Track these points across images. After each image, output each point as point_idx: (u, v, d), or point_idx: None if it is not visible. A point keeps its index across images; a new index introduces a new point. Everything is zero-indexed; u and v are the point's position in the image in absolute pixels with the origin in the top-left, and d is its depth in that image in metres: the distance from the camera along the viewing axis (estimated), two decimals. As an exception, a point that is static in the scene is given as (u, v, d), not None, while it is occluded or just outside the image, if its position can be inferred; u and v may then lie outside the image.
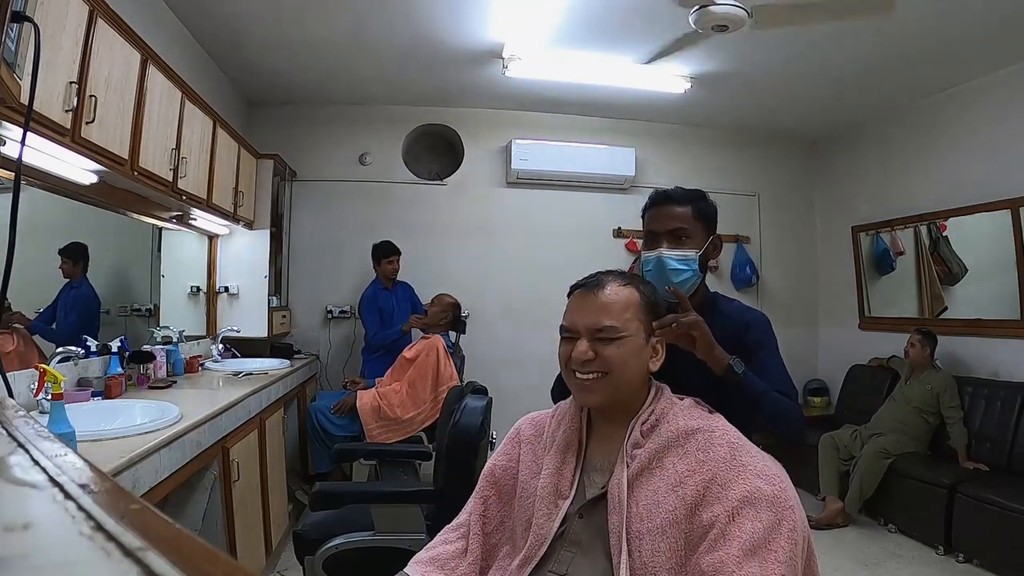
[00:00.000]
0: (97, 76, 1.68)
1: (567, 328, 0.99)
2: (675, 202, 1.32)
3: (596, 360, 0.94)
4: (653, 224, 1.33)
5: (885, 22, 2.74)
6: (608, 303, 0.97)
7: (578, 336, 0.97)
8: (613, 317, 0.95)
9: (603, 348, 0.95)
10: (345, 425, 3.13)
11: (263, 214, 3.50)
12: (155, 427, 1.56)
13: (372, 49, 3.26)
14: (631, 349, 0.96)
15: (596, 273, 1.04)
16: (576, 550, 0.92)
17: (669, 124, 4.39)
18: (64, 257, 2.20)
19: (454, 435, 1.72)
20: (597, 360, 0.94)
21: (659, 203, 1.33)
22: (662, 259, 1.28)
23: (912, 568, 2.78)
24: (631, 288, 1.00)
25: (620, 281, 1.00)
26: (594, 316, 0.96)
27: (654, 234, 1.32)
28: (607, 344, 0.95)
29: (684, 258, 1.28)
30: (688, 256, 1.28)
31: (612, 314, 0.96)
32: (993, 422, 3.13)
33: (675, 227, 1.30)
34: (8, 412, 0.77)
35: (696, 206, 1.32)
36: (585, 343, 0.95)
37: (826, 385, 4.44)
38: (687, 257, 1.28)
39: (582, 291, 1.00)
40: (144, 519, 0.33)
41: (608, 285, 0.99)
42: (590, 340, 0.95)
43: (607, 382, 0.95)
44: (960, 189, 3.52)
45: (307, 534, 1.80)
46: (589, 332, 0.96)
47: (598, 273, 1.04)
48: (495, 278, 4.18)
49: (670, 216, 1.31)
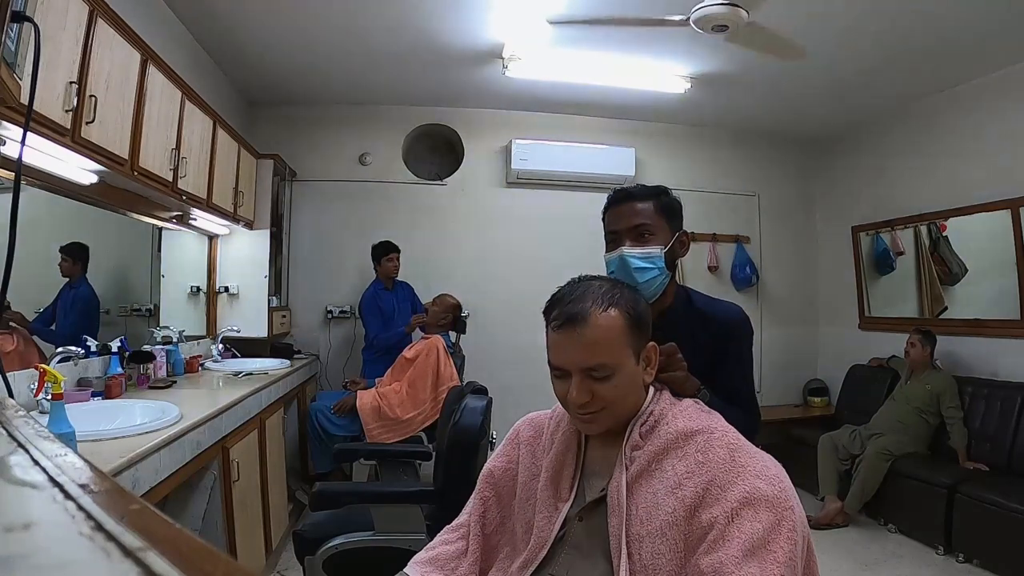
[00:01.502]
0: (97, 76, 1.68)
1: (556, 367, 0.94)
2: (636, 198, 1.25)
3: (593, 400, 0.92)
4: (614, 223, 1.26)
5: (884, 22, 2.75)
6: (596, 338, 0.90)
7: (569, 374, 0.93)
8: (603, 354, 0.90)
9: (598, 387, 0.92)
10: (345, 425, 3.13)
11: (263, 214, 3.50)
12: (155, 427, 1.56)
13: (372, 49, 3.26)
14: (626, 381, 0.93)
15: (573, 287, 0.96)
16: (576, 553, 0.91)
17: (669, 124, 4.39)
18: (64, 255, 2.20)
19: (454, 435, 1.72)
20: (594, 400, 0.92)
21: (619, 201, 1.27)
22: (625, 258, 1.21)
23: (912, 568, 2.78)
24: (615, 310, 0.92)
25: (601, 305, 0.92)
26: (582, 355, 0.91)
27: (615, 233, 1.25)
28: (602, 383, 0.91)
29: (648, 256, 1.22)
30: (652, 254, 1.22)
31: (601, 350, 0.90)
32: (993, 422, 3.13)
33: (637, 224, 1.23)
34: (8, 412, 0.77)
35: (659, 201, 1.26)
36: (578, 385, 0.92)
37: (826, 385, 4.43)
38: (651, 255, 1.22)
39: (566, 328, 0.91)
40: (144, 519, 0.34)
41: (591, 316, 0.90)
42: (583, 378, 0.92)
43: (606, 415, 0.94)
44: (960, 189, 3.51)
45: (307, 534, 1.80)
46: (580, 371, 0.92)
47: (574, 290, 0.95)
48: (495, 278, 4.18)
49: (631, 213, 1.24)
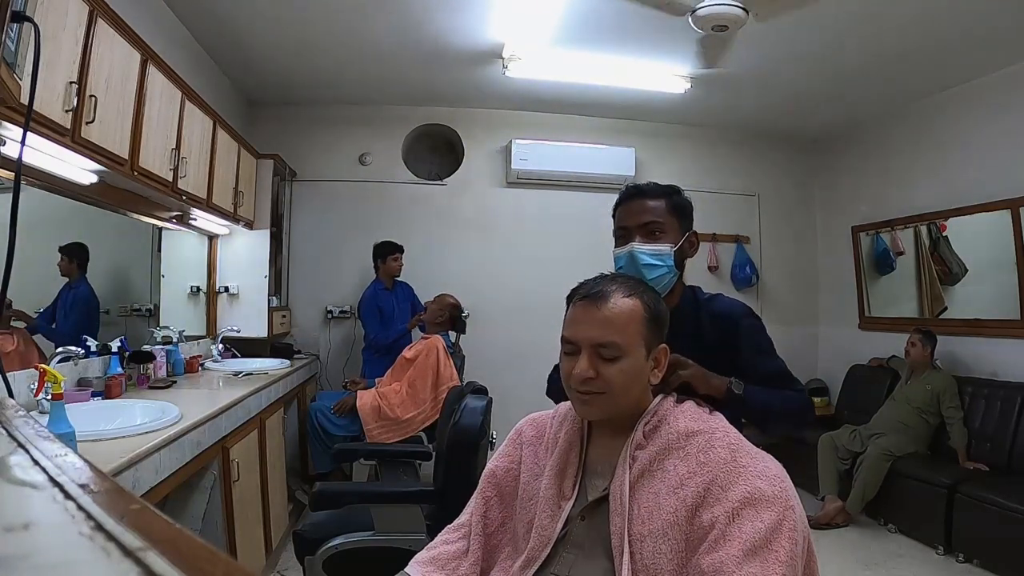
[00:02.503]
0: (97, 76, 1.68)
1: (568, 340, 0.96)
2: (647, 196, 1.26)
3: (597, 380, 0.92)
4: (624, 219, 1.27)
5: (884, 22, 2.74)
6: (611, 317, 0.92)
7: (579, 349, 0.94)
8: (615, 333, 0.92)
9: (604, 367, 0.92)
10: (345, 425, 3.13)
11: (263, 214, 3.50)
12: (155, 427, 1.56)
13: (372, 49, 3.26)
14: (632, 369, 0.93)
15: (599, 278, 1.00)
16: (578, 552, 0.91)
17: (669, 124, 4.39)
18: (63, 254, 2.20)
19: (454, 435, 1.72)
20: (598, 380, 0.92)
21: (630, 197, 1.28)
22: (634, 254, 1.22)
23: (912, 568, 2.78)
24: (635, 300, 0.95)
25: (623, 292, 0.95)
26: (596, 330, 0.93)
27: (626, 229, 1.26)
28: (609, 363, 0.92)
29: (658, 253, 1.22)
30: (662, 251, 1.23)
31: (614, 329, 0.92)
32: (993, 422, 3.13)
33: (648, 221, 1.24)
34: (8, 412, 0.77)
35: (670, 200, 1.27)
36: (586, 359, 0.92)
37: (826, 385, 4.43)
38: (661, 252, 1.22)
39: (585, 302, 0.95)
40: (144, 519, 0.33)
41: (611, 297, 0.94)
42: (591, 354, 0.93)
43: (605, 400, 0.94)
44: (960, 189, 3.51)
45: (307, 534, 1.80)
46: (591, 346, 0.93)
47: (601, 279, 0.99)
48: (495, 278, 4.18)
49: (642, 210, 1.25)
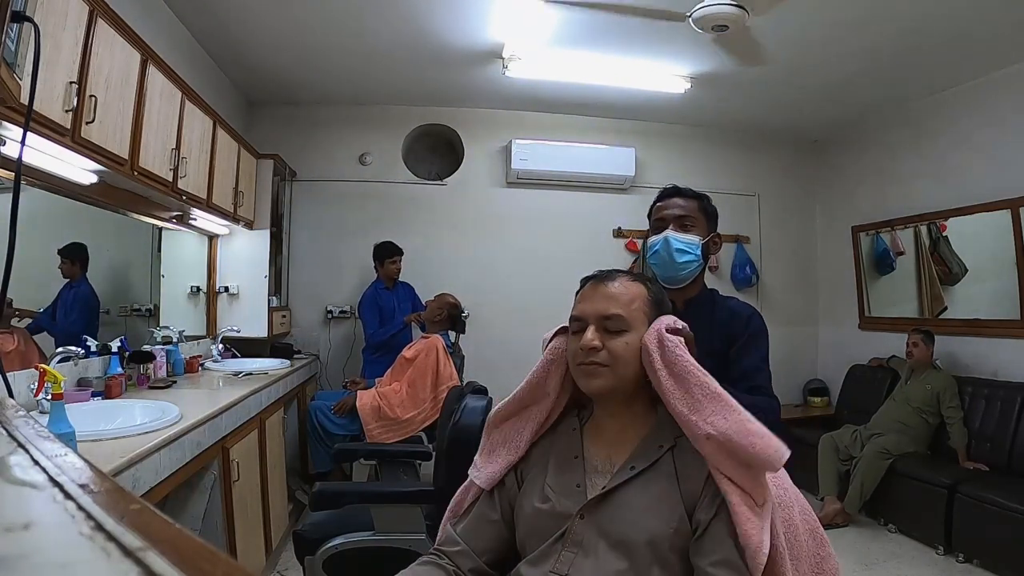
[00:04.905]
0: (97, 76, 1.68)
1: (576, 317, 1.02)
2: (684, 196, 1.47)
3: (602, 351, 0.97)
4: (662, 212, 1.47)
5: (884, 22, 2.74)
6: (617, 293, 1.01)
7: (586, 325, 1.00)
8: (620, 307, 0.99)
9: (610, 340, 0.97)
10: (345, 425, 3.13)
11: (263, 214, 3.50)
12: (155, 427, 1.56)
13: (372, 49, 3.26)
14: (636, 343, 0.98)
15: (608, 269, 1.10)
16: (577, 550, 0.92)
17: (669, 124, 4.39)
18: (63, 257, 2.20)
19: (454, 435, 1.72)
20: (603, 351, 0.97)
21: (669, 195, 1.49)
22: (669, 239, 1.42)
23: (912, 568, 2.78)
24: (639, 284, 1.04)
25: (630, 277, 1.05)
26: (603, 304, 1.00)
27: (662, 220, 1.46)
28: (614, 336, 0.98)
29: (689, 242, 1.42)
30: (693, 241, 1.42)
31: (620, 304, 1.00)
32: (993, 422, 3.12)
33: (682, 215, 1.45)
34: (8, 412, 0.77)
35: (701, 203, 1.48)
36: (593, 330, 0.98)
37: (826, 385, 4.44)
38: (691, 242, 1.42)
39: (593, 282, 1.05)
40: (144, 519, 0.34)
41: (618, 278, 1.04)
42: (598, 328, 0.98)
43: (608, 373, 0.97)
44: (960, 189, 3.51)
45: (307, 534, 1.80)
46: (597, 319, 0.99)
47: (610, 270, 1.09)
48: (495, 278, 4.18)
49: (678, 206, 1.46)
